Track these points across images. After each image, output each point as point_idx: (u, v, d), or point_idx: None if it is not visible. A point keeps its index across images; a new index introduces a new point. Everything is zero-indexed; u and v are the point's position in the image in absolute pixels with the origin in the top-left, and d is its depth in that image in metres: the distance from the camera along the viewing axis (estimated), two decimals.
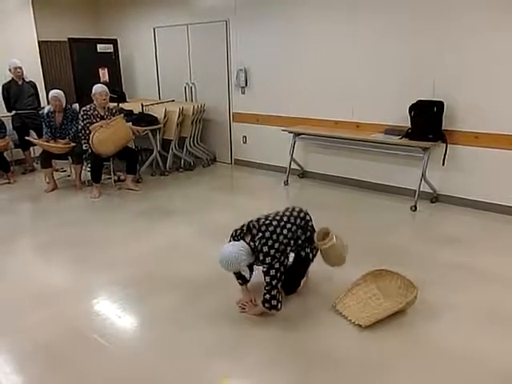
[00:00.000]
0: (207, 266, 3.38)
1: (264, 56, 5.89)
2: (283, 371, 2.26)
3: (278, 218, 2.69)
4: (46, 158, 5.35)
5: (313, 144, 5.63)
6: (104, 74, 7.38)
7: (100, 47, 7.38)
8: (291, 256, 2.80)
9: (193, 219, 4.45)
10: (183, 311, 2.83)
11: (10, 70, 5.92)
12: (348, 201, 4.96)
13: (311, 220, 2.88)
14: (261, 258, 2.57)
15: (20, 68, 5.95)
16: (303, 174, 5.90)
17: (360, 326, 2.57)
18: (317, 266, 3.04)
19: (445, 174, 4.67)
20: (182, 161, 6.41)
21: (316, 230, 2.84)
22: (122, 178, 5.71)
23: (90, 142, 4.97)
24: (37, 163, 6.16)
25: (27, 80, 6.10)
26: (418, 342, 2.46)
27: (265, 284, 2.61)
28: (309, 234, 2.81)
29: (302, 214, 2.79)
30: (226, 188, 5.76)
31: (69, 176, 5.94)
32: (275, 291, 2.58)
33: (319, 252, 2.86)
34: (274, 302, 2.58)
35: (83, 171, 5.55)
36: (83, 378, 2.26)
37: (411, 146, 4.53)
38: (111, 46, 7.51)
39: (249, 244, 2.61)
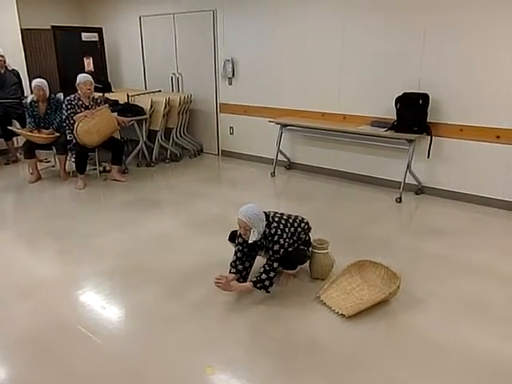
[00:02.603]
0: (193, 257, 3.39)
1: (251, 47, 5.86)
2: (267, 361, 2.28)
3: (291, 217, 2.93)
4: (30, 149, 5.27)
5: (300, 135, 5.64)
6: (89, 63, 7.27)
7: (85, 36, 7.27)
8: None
9: (179, 210, 4.44)
10: (168, 302, 2.83)
11: None
12: (334, 192, 4.99)
13: (310, 229, 3.07)
14: (275, 248, 2.73)
15: (2, 56, 5.82)
16: (290, 166, 5.91)
17: (343, 315, 2.60)
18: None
19: (429, 166, 4.72)
20: (169, 152, 6.37)
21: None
22: (108, 168, 5.66)
23: (75, 132, 4.91)
24: (20, 153, 6.07)
25: (10, 68, 5.98)
26: (400, 332, 2.50)
27: (266, 267, 2.74)
28: (307, 238, 3.04)
29: (305, 220, 3.02)
30: (212, 179, 5.75)
31: (53, 167, 5.87)
32: (273, 274, 2.74)
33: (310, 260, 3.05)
34: (266, 283, 2.75)
35: (68, 162, 5.48)
36: (67, 368, 2.25)
37: (397, 138, 4.56)
38: (96, 34, 7.40)
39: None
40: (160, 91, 6.87)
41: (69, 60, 7.06)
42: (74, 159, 5.24)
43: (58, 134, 5.25)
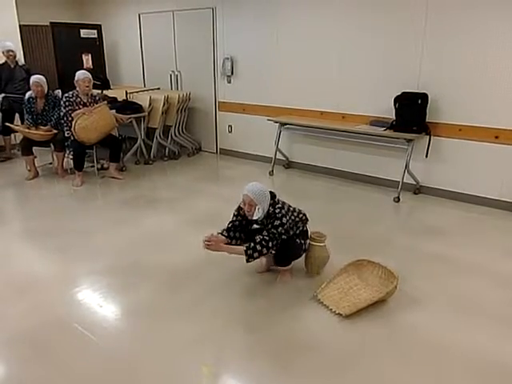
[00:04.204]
0: (190, 255, 3.38)
1: (251, 45, 5.84)
2: (264, 360, 2.27)
3: (292, 207, 2.98)
4: (27, 145, 5.24)
5: (298, 134, 5.63)
6: (87, 60, 7.24)
7: (83, 32, 7.24)
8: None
9: (177, 208, 4.43)
10: (165, 300, 2.82)
11: (3, 52, 5.84)
12: (332, 191, 4.99)
13: (308, 220, 3.07)
14: (276, 223, 2.74)
15: (12, 51, 5.89)
16: (288, 165, 5.91)
17: (341, 315, 2.60)
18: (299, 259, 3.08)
19: (428, 166, 4.72)
20: (167, 149, 6.36)
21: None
22: (106, 166, 5.64)
23: (73, 129, 4.89)
24: (18, 150, 6.05)
25: (20, 64, 6.05)
26: (398, 331, 2.50)
27: (263, 242, 2.71)
28: (305, 228, 3.05)
29: (303, 212, 3.05)
30: (210, 177, 5.74)
31: (50, 164, 5.84)
32: (265, 251, 2.73)
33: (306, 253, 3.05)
34: (255, 255, 2.72)
35: (66, 159, 5.46)
36: (63, 366, 2.24)
37: (395, 137, 4.56)
38: (95, 31, 7.36)
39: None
40: (159, 89, 6.86)
41: (67, 57, 7.02)
42: (71, 156, 5.23)
43: (56, 131, 5.23)
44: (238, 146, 6.46)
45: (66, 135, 5.12)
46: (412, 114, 4.45)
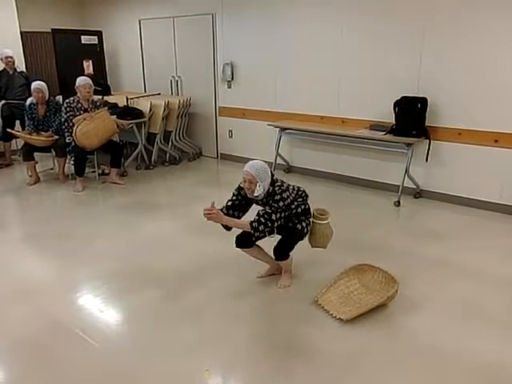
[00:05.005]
0: (191, 260, 3.38)
1: (250, 50, 5.87)
2: (265, 365, 2.27)
3: (291, 185, 2.92)
4: (29, 151, 5.26)
5: (298, 139, 5.65)
6: (88, 66, 7.28)
7: (84, 39, 7.28)
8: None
9: (178, 213, 4.43)
10: (166, 305, 2.82)
11: (1, 59, 5.89)
12: (332, 196, 4.99)
13: (308, 198, 3.02)
14: (276, 198, 2.73)
15: (11, 57, 5.93)
16: (289, 169, 5.92)
17: (341, 319, 2.60)
18: (300, 260, 3.08)
19: (428, 170, 4.73)
20: (168, 155, 6.37)
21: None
22: (107, 171, 5.66)
23: (74, 134, 4.91)
24: (19, 156, 6.07)
25: (19, 70, 6.08)
26: (398, 336, 2.50)
27: (266, 215, 2.69)
28: (307, 206, 2.99)
29: (302, 189, 3.00)
30: (211, 182, 5.75)
31: (52, 169, 5.86)
32: (269, 224, 2.69)
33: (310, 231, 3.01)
34: (261, 228, 2.68)
35: (67, 164, 5.48)
36: (64, 372, 2.25)
37: (395, 141, 4.57)
38: (96, 37, 7.41)
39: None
40: (159, 94, 6.88)
41: (68, 63, 7.06)
42: (72, 162, 5.25)
43: (57, 137, 5.25)
44: (238, 151, 6.48)
45: (67, 141, 5.14)
46: (412, 119, 4.46)
